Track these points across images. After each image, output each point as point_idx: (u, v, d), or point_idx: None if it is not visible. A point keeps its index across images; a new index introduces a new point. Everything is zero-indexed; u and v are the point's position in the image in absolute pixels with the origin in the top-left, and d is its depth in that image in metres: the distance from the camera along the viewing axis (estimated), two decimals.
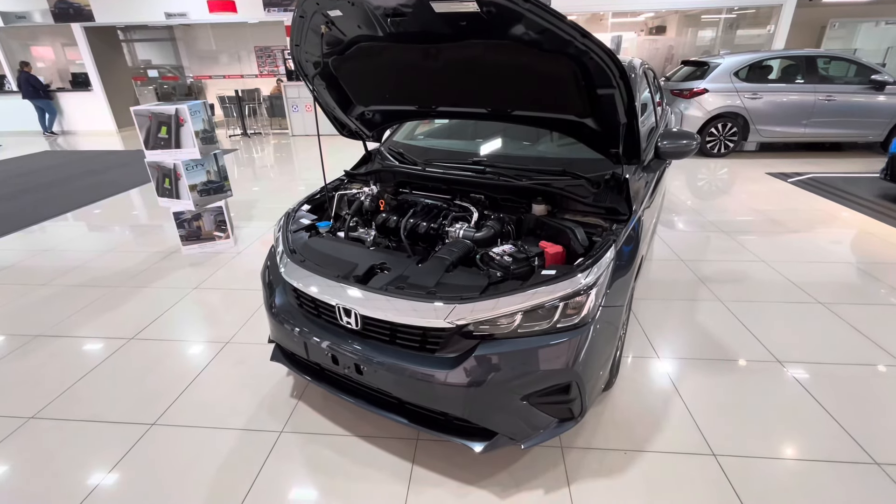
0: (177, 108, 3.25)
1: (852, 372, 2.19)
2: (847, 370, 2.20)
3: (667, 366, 2.26)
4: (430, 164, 2.23)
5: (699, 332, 2.53)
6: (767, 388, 2.10)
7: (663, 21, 12.47)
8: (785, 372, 2.20)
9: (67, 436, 1.91)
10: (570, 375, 1.46)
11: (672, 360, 2.30)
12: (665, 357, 2.32)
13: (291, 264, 1.78)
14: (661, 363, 2.28)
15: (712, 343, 2.43)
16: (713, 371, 2.22)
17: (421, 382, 1.47)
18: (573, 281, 1.46)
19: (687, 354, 2.34)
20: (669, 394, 2.08)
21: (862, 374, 2.17)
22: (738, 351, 2.36)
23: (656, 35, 12.35)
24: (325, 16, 1.64)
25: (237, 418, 1.98)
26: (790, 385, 2.11)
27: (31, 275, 3.39)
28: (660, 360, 2.30)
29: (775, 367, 2.23)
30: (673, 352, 2.36)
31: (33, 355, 2.44)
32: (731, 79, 6.33)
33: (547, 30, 1.35)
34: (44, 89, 9.93)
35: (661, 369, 2.24)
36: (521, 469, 1.71)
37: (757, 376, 2.18)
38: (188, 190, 3.45)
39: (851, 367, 2.22)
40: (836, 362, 2.26)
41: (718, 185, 5.40)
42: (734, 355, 2.33)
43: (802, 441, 1.81)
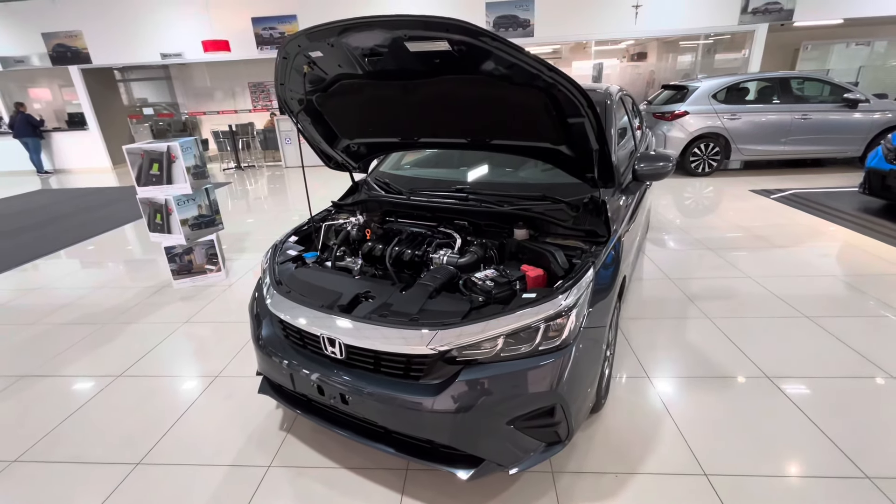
0: (168, 145, 3.33)
1: (841, 385, 2.20)
2: (835, 383, 2.21)
3: (657, 385, 2.26)
4: (415, 193, 2.29)
5: (689, 351, 2.54)
6: (757, 404, 2.10)
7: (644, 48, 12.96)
8: (774, 388, 2.20)
9: (51, 478, 1.87)
10: (554, 398, 1.46)
11: (662, 379, 2.31)
12: (655, 376, 2.33)
13: (277, 296, 1.80)
14: (652, 382, 2.28)
15: (702, 361, 2.44)
16: (703, 389, 2.22)
17: (405, 410, 1.47)
18: (553, 303, 1.48)
19: (677, 373, 2.35)
20: (660, 413, 2.07)
21: (850, 387, 2.18)
22: (728, 368, 2.37)
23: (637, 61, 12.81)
24: (306, 56, 1.72)
25: (224, 454, 1.95)
26: (780, 401, 2.12)
27: (20, 314, 3.37)
28: (650, 380, 2.30)
29: (765, 383, 2.24)
30: (663, 371, 2.37)
31: (18, 396, 2.41)
32: (709, 101, 6.55)
33: (515, 65, 1.42)
34: (38, 126, 10.07)
35: (651, 389, 2.24)
36: (512, 496, 1.69)
37: (747, 393, 2.18)
38: (179, 224, 3.49)
39: (840, 381, 2.23)
40: (824, 376, 2.27)
41: (704, 203, 5.50)
42: (724, 372, 2.34)
43: (793, 457, 1.80)
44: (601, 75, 9.36)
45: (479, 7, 8.92)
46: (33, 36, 9.69)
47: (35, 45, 9.74)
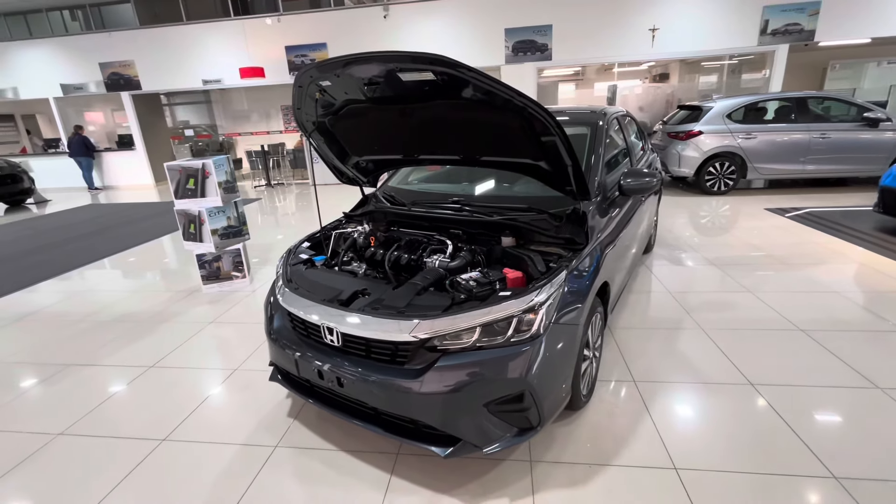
0: (203, 162, 3.70)
1: (824, 393, 2.25)
2: (819, 392, 2.27)
3: (641, 388, 2.37)
4: (416, 205, 2.52)
5: (677, 358, 2.63)
6: (737, 407, 2.19)
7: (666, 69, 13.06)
8: (756, 394, 2.28)
9: (89, 450, 2.14)
10: (523, 385, 1.63)
11: (647, 383, 2.41)
12: (640, 381, 2.44)
13: (287, 292, 2.04)
14: (637, 386, 2.39)
15: (688, 367, 2.53)
16: (686, 393, 2.32)
17: (391, 392, 1.66)
18: (524, 300, 1.67)
19: (662, 378, 2.45)
20: (640, 413, 2.18)
21: (834, 396, 2.23)
22: (713, 374, 2.45)
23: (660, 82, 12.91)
24: (318, 85, 1.99)
25: (237, 435, 2.18)
26: (759, 405, 2.19)
27: (68, 313, 3.76)
28: (635, 384, 2.41)
29: (747, 389, 2.31)
30: (649, 375, 2.47)
31: (65, 381, 2.73)
32: (724, 121, 6.60)
33: (490, 91, 1.65)
34: (93, 149, 10.99)
35: (635, 392, 2.35)
36: (491, 480, 1.84)
37: (728, 397, 2.26)
38: (210, 234, 3.84)
39: (824, 389, 2.28)
40: (809, 385, 2.32)
41: (716, 221, 5.53)
42: (708, 379, 2.42)
43: (763, 456, 1.88)
44: (615, 97, 9.50)
45: (499, 33, 9.30)
46: (91, 65, 10.68)
47: (92, 74, 10.72)
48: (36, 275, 4.81)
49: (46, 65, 10.90)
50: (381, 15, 9.43)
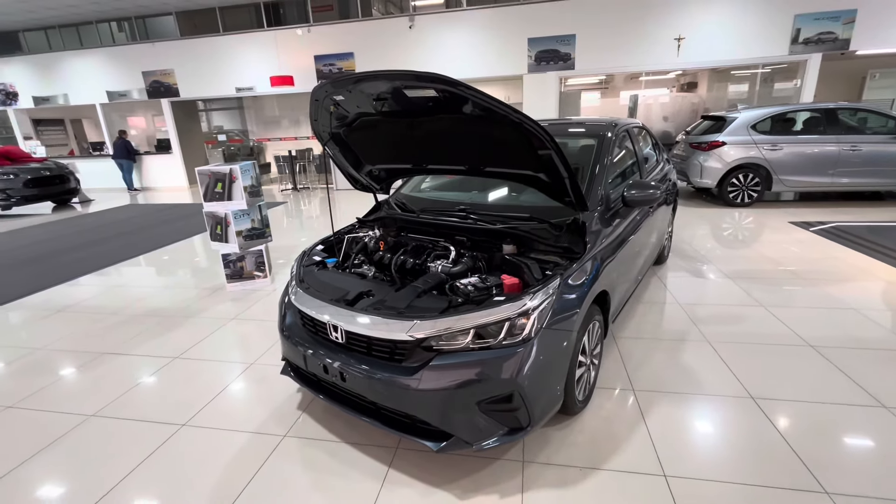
0: (231, 167, 3.93)
1: (826, 410, 2.23)
2: (821, 408, 2.25)
3: (640, 397, 2.40)
4: (424, 212, 2.64)
5: (679, 369, 2.64)
6: (734, 419, 2.20)
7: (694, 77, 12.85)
8: (756, 408, 2.28)
9: (117, 431, 2.33)
10: (512, 386, 1.71)
11: (646, 392, 2.44)
12: (640, 389, 2.47)
13: (299, 291, 2.19)
14: (636, 395, 2.42)
15: (690, 379, 2.54)
16: (684, 403, 2.34)
17: (389, 387, 1.77)
18: (516, 305, 1.75)
19: (661, 388, 2.47)
20: (636, 421, 2.22)
21: (836, 413, 2.21)
22: (713, 387, 2.46)
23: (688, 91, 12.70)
24: (332, 99, 2.14)
25: (250, 424, 2.33)
26: (757, 418, 2.20)
27: (104, 306, 4.04)
28: (634, 392, 2.44)
29: (747, 403, 2.32)
30: (649, 385, 2.50)
31: (98, 368, 2.96)
32: (748, 131, 6.49)
33: (487, 108, 1.75)
34: (135, 153, 11.63)
35: (633, 400, 2.38)
36: (484, 477, 1.92)
37: (726, 409, 2.27)
38: (235, 235, 4.06)
39: (826, 406, 2.26)
40: (812, 400, 2.31)
41: (736, 233, 5.43)
42: (708, 391, 2.43)
43: (756, 468, 1.90)
44: (636, 107, 9.42)
45: (522, 42, 9.39)
46: (135, 73, 11.33)
47: (136, 81, 11.37)
48: (77, 269, 5.16)
49: (94, 73, 11.62)
50: (406, 25, 9.68)
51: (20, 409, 2.56)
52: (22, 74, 12.14)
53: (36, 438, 2.30)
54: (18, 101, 12.37)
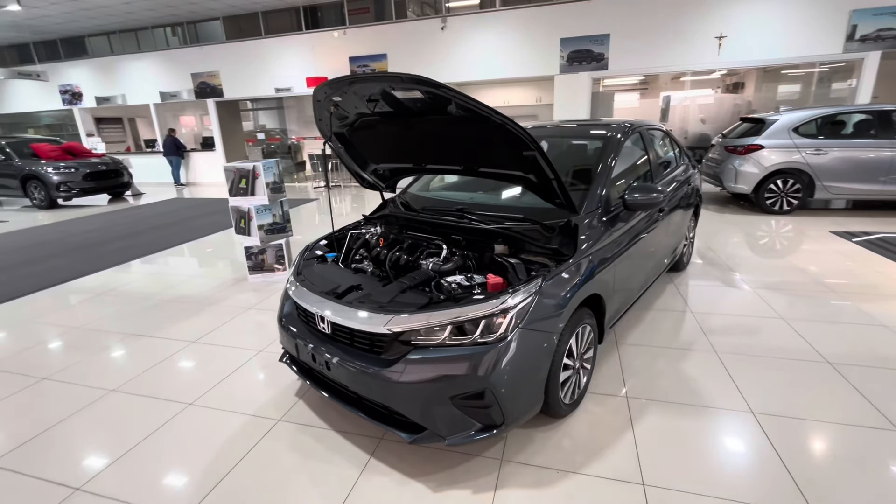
0: (254, 164, 4.14)
1: (833, 429, 2.11)
2: (827, 427, 2.12)
3: (632, 404, 2.35)
4: (424, 211, 2.69)
5: (678, 378, 2.56)
6: (729, 433, 2.11)
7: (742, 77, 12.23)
8: (755, 422, 2.18)
9: (131, 405, 2.52)
10: (484, 383, 1.73)
11: (640, 400, 2.39)
12: (634, 397, 2.41)
13: (296, 283, 2.29)
14: (628, 402, 2.37)
15: (688, 389, 2.46)
16: (678, 414, 2.27)
17: (367, 377, 1.84)
18: (492, 303, 1.77)
19: (656, 396, 2.41)
20: (623, 428, 2.18)
21: (843, 433, 2.08)
22: (712, 399, 2.37)
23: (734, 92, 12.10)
24: (331, 100, 2.23)
25: (249, 407, 2.46)
26: (754, 434, 2.10)
27: (138, 291, 4.35)
28: (627, 399, 2.40)
29: (746, 417, 2.22)
30: (643, 393, 2.44)
31: (126, 348, 3.20)
32: (789, 135, 6.13)
33: (470, 108, 1.78)
34: (183, 149, 12.37)
35: (624, 407, 2.34)
36: (460, 472, 1.95)
37: (722, 423, 2.19)
38: (257, 229, 4.27)
39: (834, 426, 2.13)
40: (818, 419, 2.18)
41: (769, 242, 5.15)
42: (706, 402, 2.35)
43: (743, 484, 1.82)
44: (668, 108, 9.08)
45: (554, 42, 9.27)
46: (185, 75, 12.05)
47: (185, 83, 12.09)
48: (121, 257, 5.57)
49: (149, 75, 12.46)
50: (438, 26, 9.77)
51: (53, 380, 2.82)
52: (86, 76, 13.17)
53: (63, 408, 2.53)
54: (83, 100, 13.43)
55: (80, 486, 1.97)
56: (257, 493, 1.89)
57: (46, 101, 13.82)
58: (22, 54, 13.60)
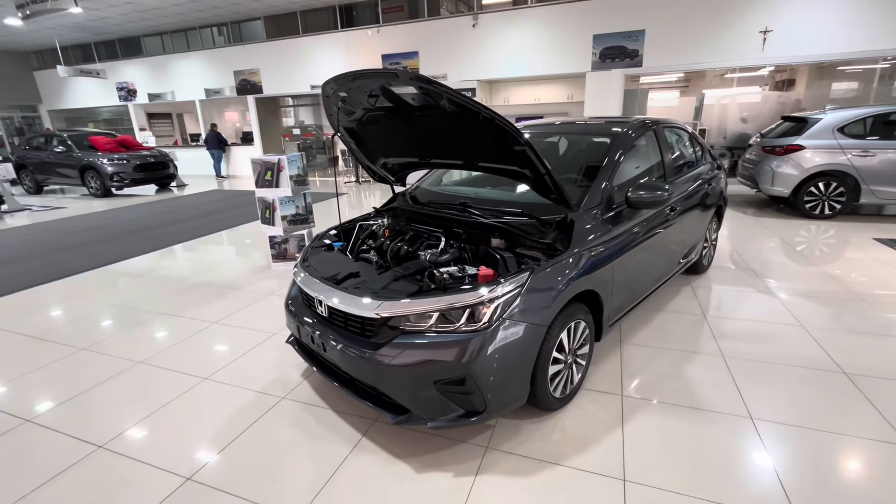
0: (279, 157, 4.34)
1: (835, 440, 2.03)
2: (830, 437, 2.04)
3: (626, 403, 2.34)
4: (429, 205, 2.76)
5: (679, 380, 2.52)
6: (723, 437, 2.07)
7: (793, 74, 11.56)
8: (752, 428, 2.13)
9: (154, 377, 2.74)
10: (465, 369, 1.78)
11: (635, 399, 2.37)
12: (629, 395, 2.40)
13: (301, 269, 2.42)
14: (622, 400, 2.36)
15: (687, 391, 2.42)
16: (672, 415, 2.24)
17: (357, 359, 1.93)
18: (476, 294, 1.82)
19: (652, 396, 2.38)
20: (613, 425, 2.18)
21: (847, 445, 2.00)
22: (711, 402, 2.32)
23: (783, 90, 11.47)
24: (338, 96, 2.34)
25: (257, 384, 2.62)
26: (749, 439, 2.05)
27: (171, 275, 4.66)
28: (621, 397, 2.38)
29: (743, 422, 2.17)
30: (640, 392, 2.42)
31: (157, 326, 3.46)
32: (833, 135, 5.78)
33: (461, 104, 1.83)
34: (224, 143, 13.00)
35: (618, 405, 2.33)
36: (445, 456, 2.02)
37: (717, 426, 2.15)
38: (280, 219, 4.47)
39: (838, 436, 2.05)
40: (822, 429, 2.10)
41: (803, 247, 4.89)
42: (703, 405, 2.30)
43: (727, 487, 1.80)
44: (701, 106, 8.70)
45: (587, 39, 9.11)
46: (227, 73, 12.64)
47: (227, 80, 12.68)
48: (162, 242, 5.97)
49: (195, 73, 13.15)
50: (469, 24, 9.80)
51: (90, 351, 3.10)
52: (140, 74, 14.05)
53: (95, 375, 2.78)
54: (137, 97, 14.34)
55: (103, 444, 2.17)
56: (255, 461, 2.02)
57: (105, 97, 14.85)
58: (85, 54, 14.66)
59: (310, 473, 1.94)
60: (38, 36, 13.37)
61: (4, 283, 4.54)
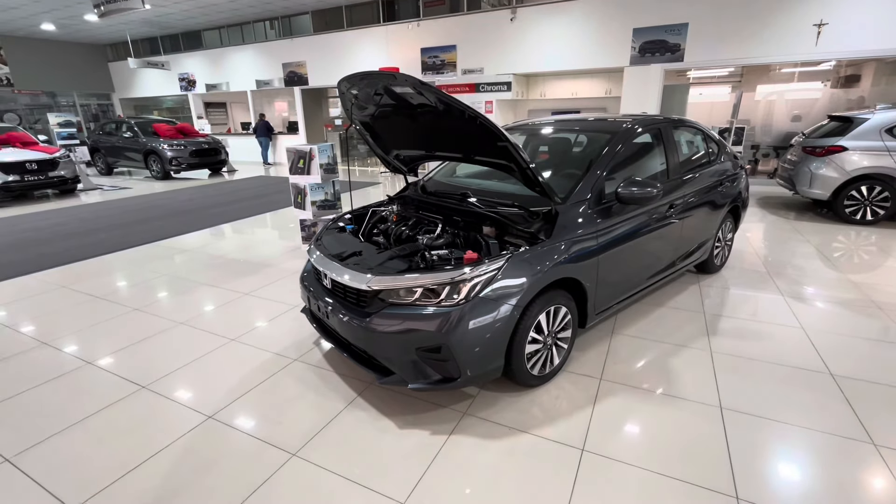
0: (311, 147, 4.70)
1: (799, 433, 2.10)
2: (794, 431, 2.12)
3: (603, 386, 2.50)
4: (433, 195, 3.00)
5: (660, 370, 2.64)
6: (688, 422, 2.20)
7: (858, 69, 10.79)
8: (719, 416, 2.23)
9: (185, 337, 3.16)
10: (441, 338, 2.02)
11: (612, 383, 2.52)
12: (608, 380, 2.55)
13: (314, 248, 2.73)
14: (600, 383, 2.52)
15: (665, 380, 2.54)
16: (644, 399, 2.38)
17: (352, 326, 2.21)
18: (453, 273, 2.05)
19: (630, 382, 2.52)
20: (586, 403, 2.35)
21: (810, 439, 2.07)
22: (685, 391, 2.44)
23: (847, 86, 10.73)
24: (351, 93, 2.61)
25: (276, 346, 2.97)
26: (713, 425, 2.17)
27: (215, 250, 5.17)
28: (601, 381, 2.54)
29: (712, 411, 2.28)
30: (619, 378, 2.57)
31: (195, 293, 3.93)
32: (881, 136, 5.48)
33: (447, 103, 2.05)
34: (272, 131, 13.76)
35: (595, 386, 2.49)
36: (426, 417, 2.27)
37: (686, 412, 2.27)
38: (310, 204, 4.86)
39: (803, 430, 2.12)
40: (790, 423, 2.18)
41: (835, 252, 4.72)
42: (677, 393, 2.42)
43: (680, 465, 1.93)
44: (739, 103, 8.31)
45: (626, 33, 8.94)
46: (276, 65, 13.33)
47: (276, 72, 13.38)
48: (210, 222, 6.56)
49: (248, 65, 13.96)
50: (507, 18, 9.84)
51: (141, 311, 3.58)
52: (199, 66, 15.07)
53: (143, 331, 3.24)
54: (196, 87, 15.40)
55: (146, 385, 2.59)
56: (264, 408, 2.36)
57: (168, 87, 16.04)
58: (153, 47, 15.88)
59: (308, 421, 2.26)
60: (112, 30, 14.64)
61: (78, 252, 5.22)
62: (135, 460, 2.03)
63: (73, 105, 17.30)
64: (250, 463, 2.00)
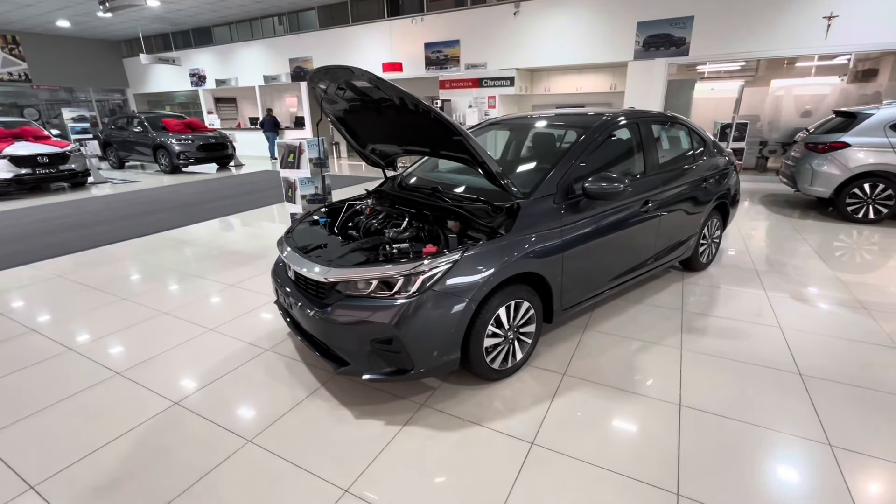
0: (300, 141, 4.75)
1: (752, 431, 2.08)
2: (748, 429, 2.10)
3: (565, 381, 2.50)
4: (408, 189, 3.02)
5: (625, 366, 2.62)
6: (643, 418, 2.19)
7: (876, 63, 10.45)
8: (676, 413, 2.22)
9: (172, 324, 3.25)
10: (392, 331, 2.04)
11: (574, 378, 2.52)
12: (570, 375, 2.55)
13: (284, 241, 2.78)
14: (562, 379, 2.52)
15: (628, 377, 2.53)
16: (602, 395, 2.37)
17: (311, 316, 2.25)
18: (406, 267, 2.07)
19: (592, 378, 2.52)
20: (544, 397, 2.35)
21: (765, 438, 2.05)
22: (647, 388, 2.42)
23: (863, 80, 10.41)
24: (319, 87, 2.64)
25: (250, 336, 3.04)
26: (668, 422, 2.16)
27: (208, 243, 5.28)
28: (563, 377, 2.54)
29: (670, 408, 2.26)
30: (581, 373, 2.56)
31: (183, 284, 4.02)
32: (885, 132, 5.32)
33: (402, 98, 2.06)
34: (279, 126, 13.92)
35: (556, 381, 2.49)
36: (384, 408, 2.31)
37: (643, 409, 2.26)
38: (300, 198, 4.92)
39: (757, 429, 2.10)
40: (746, 421, 2.15)
41: (832, 252, 4.61)
42: (638, 390, 2.41)
43: (626, 459, 1.93)
44: (741, 97, 8.11)
45: (630, 27, 8.80)
46: (283, 61, 13.45)
47: (283, 67, 13.51)
48: (211, 215, 6.69)
49: (256, 60, 14.11)
50: (510, 12, 9.77)
51: (129, 301, 3.69)
52: (209, 61, 15.28)
53: (128, 320, 3.34)
54: (206, 83, 15.63)
55: (121, 371, 2.68)
56: (230, 396, 2.42)
57: (180, 82, 16.32)
58: (165, 43, 16.16)
59: (269, 409, 2.31)
60: (125, 27, 14.93)
61: (78, 243, 5.38)
62: (97, 443, 2.10)
63: (89, 101, 17.71)
64: (206, 448, 2.06)
